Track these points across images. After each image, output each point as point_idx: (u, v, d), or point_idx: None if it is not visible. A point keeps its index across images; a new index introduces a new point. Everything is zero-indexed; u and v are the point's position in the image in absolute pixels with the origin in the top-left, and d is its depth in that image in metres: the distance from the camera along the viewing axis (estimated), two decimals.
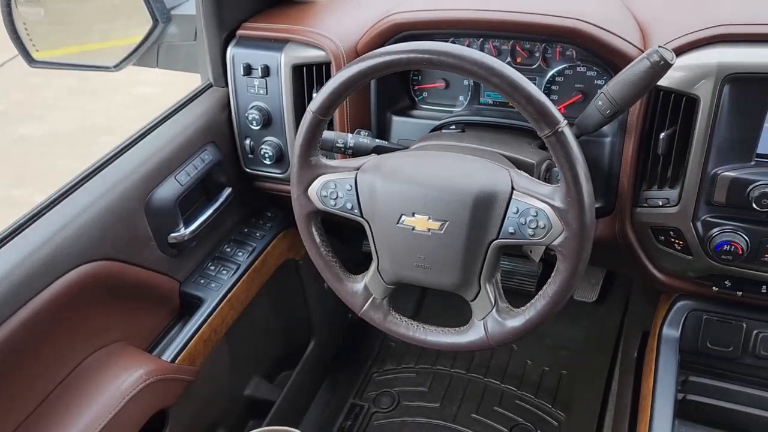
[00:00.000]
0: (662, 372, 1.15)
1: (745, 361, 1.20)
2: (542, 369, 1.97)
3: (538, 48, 1.26)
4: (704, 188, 1.08)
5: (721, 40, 1.02)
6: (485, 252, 1.01)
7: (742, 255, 1.08)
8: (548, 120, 0.89)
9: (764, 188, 1.02)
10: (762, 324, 1.18)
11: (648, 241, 1.19)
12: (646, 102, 1.08)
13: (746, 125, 1.03)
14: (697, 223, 1.11)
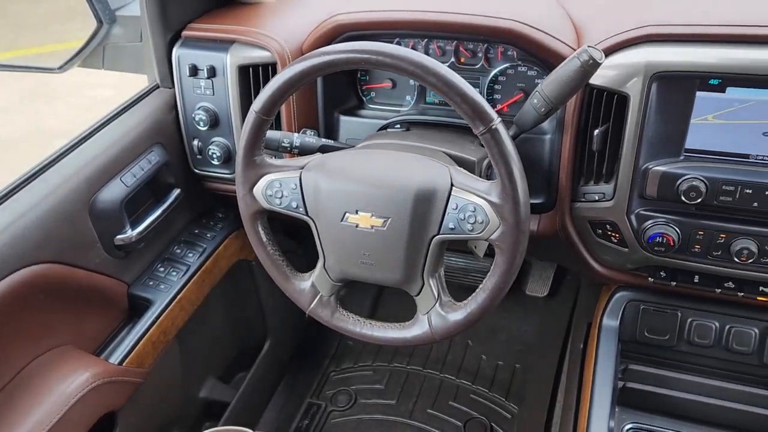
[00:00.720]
0: (602, 361, 1.19)
1: (681, 348, 1.25)
2: (496, 363, 2.01)
3: (480, 48, 1.29)
4: (637, 183, 1.12)
5: (648, 40, 1.06)
6: (427, 247, 1.03)
7: (674, 246, 1.13)
8: (482, 118, 0.91)
9: (692, 181, 1.07)
10: (695, 312, 1.23)
11: (587, 235, 1.23)
12: (581, 100, 1.12)
13: (674, 121, 1.07)
14: (631, 217, 1.15)
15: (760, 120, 1.03)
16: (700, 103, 1.05)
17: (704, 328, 1.22)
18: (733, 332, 1.20)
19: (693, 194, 1.07)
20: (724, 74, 1.01)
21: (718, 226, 1.11)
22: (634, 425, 1.24)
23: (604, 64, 1.08)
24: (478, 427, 1.80)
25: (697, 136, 1.08)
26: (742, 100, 1.03)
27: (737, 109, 1.03)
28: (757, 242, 1.09)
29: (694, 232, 1.12)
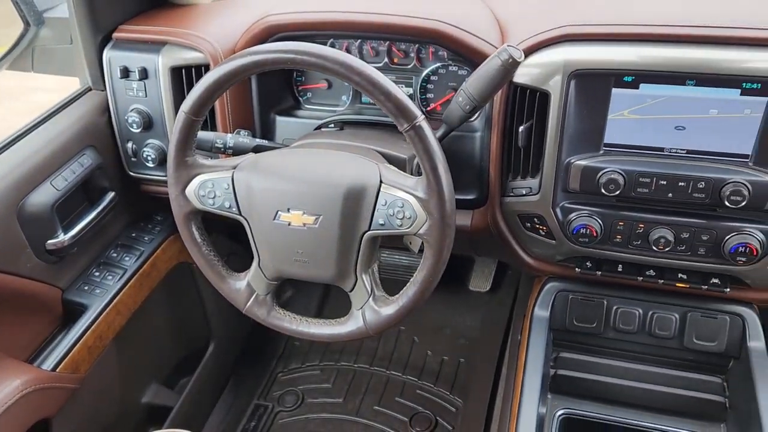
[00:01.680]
0: (532, 350, 1.23)
1: (608, 335, 1.30)
2: (442, 358, 2.04)
3: (412, 49, 1.32)
4: (560, 177, 1.17)
5: (566, 40, 1.10)
6: (359, 243, 1.05)
7: (597, 237, 1.18)
8: (406, 115, 0.94)
9: (611, 174, 1.12)
10: (620, 300, 1.28)
11: (517, 229, 1.28)
12: (506, 97, 1.16)
13: (593, 117, 1.12)
14: (556, 209, 1.20)
15: (672, 115, 1.09)
16: (616, 99, 1.10)
17: (629, 315, 1.27)
18: (655, 318, 1.26)
19: (612, 187, 1.12)
20: (636, 71, 1.06)
21: (637, 217, 1.16)
22: (566, 411, 1.28)
23: (526, 62, 1.13)
24: (423, 422, 1.83)
25: (615, 131, 1.13)
26: (654, 96, 1.08)
27: (650, 105, 1.09)
28: (672, 231, 1.14)
29: (615, 222, 1.17)
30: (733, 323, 1.23)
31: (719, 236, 1.13)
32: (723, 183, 1.08)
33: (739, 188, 1.07)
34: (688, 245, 1.15)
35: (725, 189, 1.07)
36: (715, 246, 1.13)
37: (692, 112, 1.08)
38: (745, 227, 1.11)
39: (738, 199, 1.07)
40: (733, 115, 1.06)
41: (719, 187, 1.08)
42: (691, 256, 1.16)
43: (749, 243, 1.10)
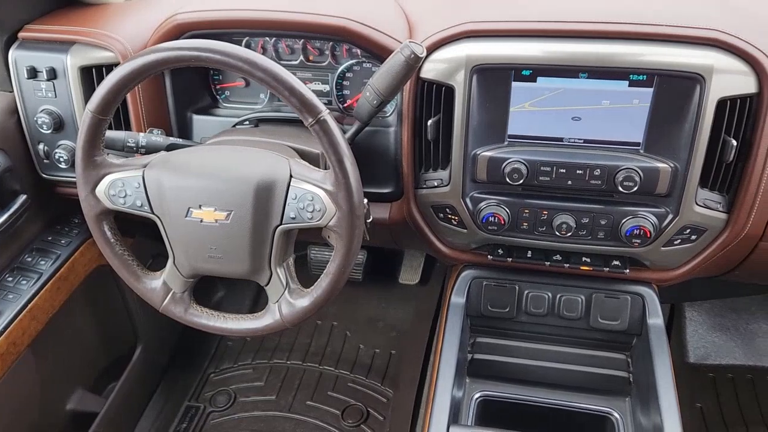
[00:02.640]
0: (448, 336, 1.27)
1: (521, 319, 1.36)
2: (374, 351, 2.07)
3: (327, 46, 1.34)
4: (468, 168, 1.21)
5: (468, 36, 1.15)
6: (272, 238, 1.07)
7: (505, 225, 1.23)
8: (310, 110, 0.96)
9: (514, 164, 1.17)
10: (531, 285, 1.34)
11: (431, 219, 1.32)
12: (414, 92, 1.19)
13: (496, 110, 1.17)
14: (466, 200, 1.25)
15: (568, 106, 1.15)
16: (516, 92, 1.15)
17: (539, 298, 1.33)
18: (563, 300, 1.32)
19: (516, 176, 1.17)
20: (533, 65, 1.12)
21: (541, 204, 1.22)
22: (483, 393, 1.34)
23: (432, 58, 1.17)
24: (355, 414, 1.86)
25: (518, 123, 1.18)
26: (551, 89, 1.14)
27: (548, 97, 1.15)
28: (574, 217, 1.21)
29: (521, 210, 1.23)
30: (634, 302, 1.30)
31: (616, 220, 1.19)
32: (617, 170, 1.14)
33: (631, 174, 1.13)
34: (589, 230, 1.22)
35: (619, 175, 1.14)
36: (613, 230, 1.20)
37: (586, 103, 1.14)
38: (640, 211, 1.18)
39: (630, 184, 1.14)
40: (623, 106, 1.13)
41: (613, 173, 1.15)
42: (591, 240, 1.23)
43: (643, 226, 1.17)
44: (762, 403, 1.87)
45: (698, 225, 1.18)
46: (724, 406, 1.87)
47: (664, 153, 1.14)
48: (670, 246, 1.21)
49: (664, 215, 1.18)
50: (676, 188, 1.15)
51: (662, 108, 1.11)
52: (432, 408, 1.14)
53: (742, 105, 1.08)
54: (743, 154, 1.12)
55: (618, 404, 1.30)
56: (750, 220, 1.16)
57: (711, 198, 1.17)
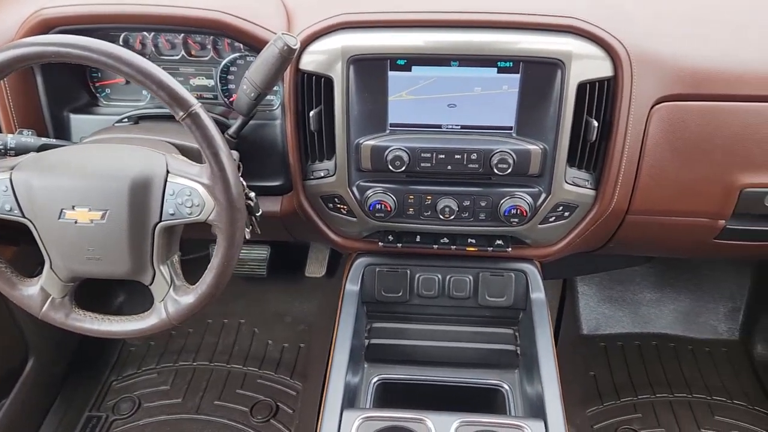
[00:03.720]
0: (342, 322, 1.30)
1: (414, 302, 1.40)
2: (282, 346, 2.07)
3: (208, 40, 1.33)
4: (352, 157, 1.24)
5: (343, 27, 1.17)
6: (152, 235, 1.05)
7: (392, 211, 1.26)
8: (181, 103, 0.95)
9: (396, 152, 1.20)
10: (421, 268, 1.39)
11: (322, 210, 1.33)
12: (294, 84, 1.20)
13: (375, 100, 1.20)
14: (353, 188, 1.27)
15: (444, 94, 1.19)
16: (393, 81, 1.18)
17: (430, 281, 1.38)
18: (452, 281, 1.38)
19: (398, 163, 1.21)
20: (407, 55, 1.15)
21: (424, 190, 1.26)
22: (380, 377, 1.37)
23: (311, 49, 1.18)
24: (264, 409, 1.85)
25: (398, 112, 1.21)
26: (426, 77, 1.18)
27: (424, 86, 1.18)
28: (456, 200, 1.26)
29: (406, 196, 1.27)
30: (518, 279, 1.37)
31: (495, 201, 1.25)
32: (492, 153, 1.20)
33: (505, 157, 1.19)
34: (470, 212, 1.27)
35: (494, 158, 1.19)
36: (493, 210, 1.26)
37: (460, 90, 1.18)
38: (516, 192, 1.24)
39: (505, 166, 1.19)
40: (494, 92, 1.18)
41: (489, 157, 1.20)
42: (474, 222, 1.28)
43: (520, 205, 1.24)
44: (648, 366, 2.00)
45: (570, 202, 1.26)
46: (614, 372, 1.99)
47: (534, 135, 1.20)
48: (546, 223, 1.29)
49: (538, 194, 1.24)
50: (547, 168, 1.22)
51: (529, 93, 1.17)
52: (326, 395, 1.16)
53: (600, 88, 1.16)
54: (605, 134, 1.20)
55: (508, 376, 1.37)
56: (615, 195, 1.24)
57: (579, 176, 1.24)
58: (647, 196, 1.26)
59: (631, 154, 1.20)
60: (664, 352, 2.06)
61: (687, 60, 1.17)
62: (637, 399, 1.90)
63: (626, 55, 1.14)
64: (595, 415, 1.86)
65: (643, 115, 1.18)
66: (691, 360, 2.03)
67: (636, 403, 1.89)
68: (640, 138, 1.19)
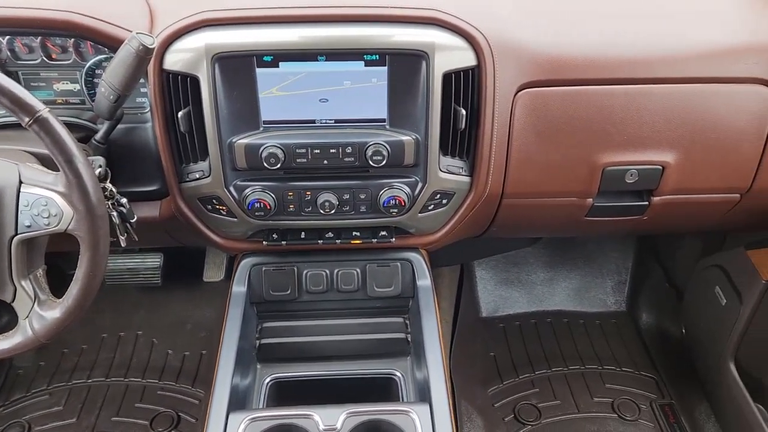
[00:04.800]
0: (228, 325, 1.28)
1: (303, 298, 1.40)
2: (183, 354, 2.02)
3: (70, 43, 1.26)
4: (226, 157, 1.22)
5: (205, 25, 1.15)
6: (8, 250, 1.00)
7: (272, 209, 1.25)
8: (25, 108, 0.91)
9: (270, 149, 1.20)
10: (308, 264, 1.39)
11: (201, 212, 1.31)
12: (159, 85, 1.17)
13: (245, 98, 1.18)
14: (230, 188, 1.25)
15: (314, 88, 1.19)
16: (262, 78, 1.17)
17: (318, 276, 1.38)
18: (340, 275, 1.38)
19: (273, 160, 1.20)
20: (273, 51, 1.14)
21: (303, 186, 1.26)
22: (273, 377, 1.36)
23: (174, 48, 1.15)
24: (164, 421, 1.80)
25: (270, 108, 1.20)
26: (294, 73, 1.17)
27: (293, 81, 1.18)
28: (336, 194, 1.26)
29: (286, 193, 1.26)
30: (404, 268, 1.40)
31: (374, 193, 1.27)
32: (366, 146, 1.21)
33: (379, 149, 1.21)
34: (351, 205, 1.28)
35: (368, 150, 1.21)
36: (373, 202, 1.28)
37: (330, 84, 1.19)
38: (394, 182, 1.26)
39: (380, 158, 1.21)
40: (363, 85, 1.19)
41: (364, 149, 1.21)
42: (355, 215, 1.29)
43: (398, 196, 1.26)
44: (544, 343, 2.09)
45: (446, 190, 1.29)
46: (513, 351, 2.07)
47: (407, 126, 1.22)
48: (426, 212, 1.31)
49: (415, 184, 1.27)
50: (422, 158, 1.24)
51: (398, 85, 1.19)
52: (211, 399, 1.14)
53: (466, 77, 1.19)
54: (474, 122, 1.24)
55: (400, 364, 1.40)
56: (489, 180, 1.29)
57: (453, 164, 1.28)
58: (519, 179, 1.31)
59: (500, 140, 1.25)
60: (559, 327, 2.15)
61: (544, 48, 1.22)
62: (535, 375, 1.98)
63: (487, 45, 1.18)
64: (495, 393, 1.92)
65: (508, 101, 1.22)
66: (584, 333, 2.14)
67: (533, 379, 1.97)
68: (507, 124, 1.24)
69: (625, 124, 1.26)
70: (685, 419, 1.84)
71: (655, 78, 1.24)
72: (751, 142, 1.29)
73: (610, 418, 1.85)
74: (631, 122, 1.26)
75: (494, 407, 1.87)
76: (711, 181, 1.34)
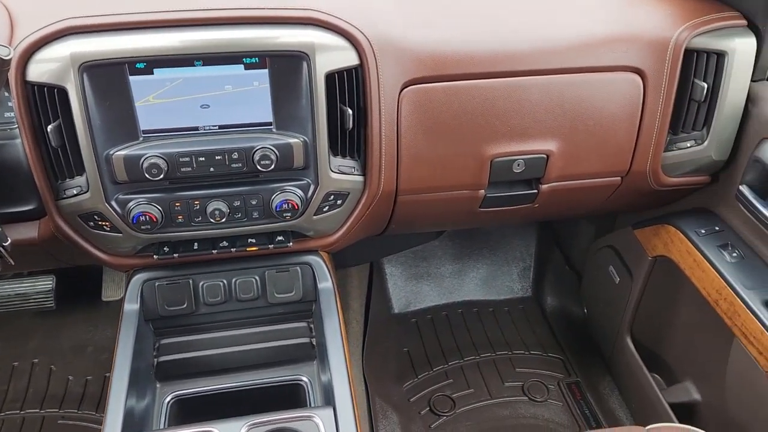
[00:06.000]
0: (120, 345, 1.22)
1: (201, 311, 1.36)
2: (85, 379, 1.92)
3: None
4: (105, 170, 1.16)
5: (70, 33, 1.09)
6: None
7: (159, 222, 1.20)
8: None
9: (152, 160, 1.15)
10: (204, 275, 1.35)
11: (83, 230, 1.24)
12: (24, 98, 1.10)
13: (119, 107, 1.13)
14: (112, 203, 1.19)
15: (194, 95, 1.15)
16: (136, 86, 1.12)
17: (215, 287, 1.34)
18: (238, 284, 1.35)
19: (155, 171, 1.15)
20: (146, 58, 1.10)
21: (191, 195, 1.21)
22: (175, 395, 1.31)
23: (36, 59, 1.09)
24: None
25: (148, 117, 1.15)
26: (170, 80, 1.13)
27: (170, 88, 1.14)
28: (226, 202, 1.23)
29: (173, 204, 1.21)
30: (305, 271, 1.38)
31: (265, 198, 1.24)
32: (253, 150, 1.18)
33: (266, 153, 1.18)
34: (243, 212, 1.25)
35: (256, 155, 1.18)
36: (265, 207, 1.25)
37: (210, 90, 1.15)
38: (286, 186, 1.24)
39: (268, 162, 1.19)
40: (245, 89, 1.16)
41: (251, 154, 1.18)
42: (248, 222, 1.26)
43: (290, 199, 1.24)
44: (456, 334, 2.13)
45: (340, 190, 1.28)
46: (426, 344, 2.09)
47: (294, 128, 1.21)
48: (321, 214, 1.30)
49: (307, 186, 1.25)
50: (311, 160, 1.23)
51: (281, 87, 1.17)
52: (104, 425, 1.09)
53: (349, 76, 1.19)
54: (362, 121, 1.24)
55: (307, 369, 1.38)
56: (382, 178, 1.29)
57: (345, 164, 1.27)
58: (411, 176, 1.32)
59: (389, 138, 1.26)
60: (469, 317, 2.20)
61: (426, 45, 1.23)
62: (448, 366, 2.01)
63: (368, 44, 1.18)
64: (410, 388, 1.94)
65: (394, 99, 1.23)
66: (493, 321, 2.20)
67: (447, 370, 2.00)
68: (395, 122, 1.25)
69: (508, 116, 1.29)
70: (591, 395, 1.93)
71: (534, 70, 1.28)
72: (626, 127, 1.35)
73: (521, 401, 1.91)
74: (513, 114, 1.29)
75: (410, 402, 1.89)
76: (593, 166, 1.40)
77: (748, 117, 1.37)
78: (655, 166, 1.41)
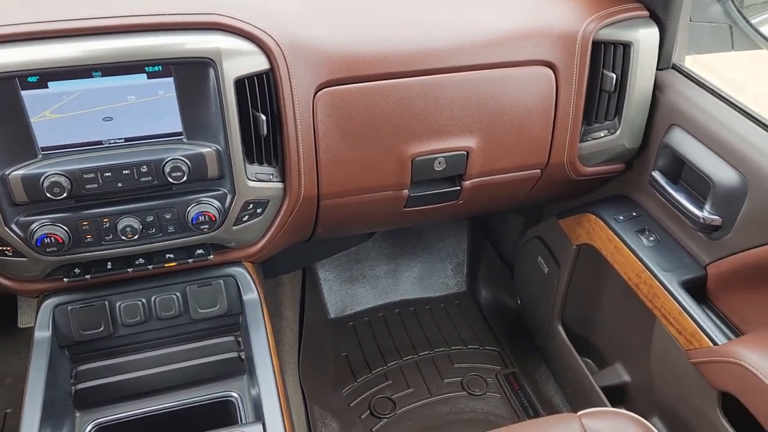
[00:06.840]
0: (31, 376, 1.15)
1: (120, 333, 1.29)
2: (4, 413, 1.81)
3: None
4: (1, 192, 1.09)
5: None
6: None
7: (66, 243, 1.14)
8: None
9: (52, 178, 1.08)
10: (121, 296, 1.28)
11: None
12: None
13: (14, 124, 1.06)
14: (12, 227, 1.12)
15: (94, 107, 1.09)
16: (30, 101, 1.05)
17: (132, 307, 1.28)
18: (158, 302, 1.29)
19: (57, 190, 1.09)
20: (38, 71, 1.03)
21: (99, 212, 1.15)
22: (97, 423, 1.25)
23: None
24: None
25: (47, 134, 1.09)
26: (68, 92, 1.07)
27: (68, 102, 1.07)
28: (138, 218, 1.17)
29: (80, 224, 1.15)
30: (228, 284, 1.33)
31: (180, 211, 1.19)
32: (163, 162, 1.13)
33: (177, 164, 1.14)
34: (157, 227, 1.20)
35: (166, 167, 1.13)
36: (181, 221, 1.20)
37: (111, 101, 1.10)
38: (201, 197, 1.20)
39: (179, 174, 1.14)
40: (150, 99, 1.11)
41: (161, 166, 1.13)
42: (164, 237, 1.21)
43: (207, 211, 1.19)
44: (393, 334, 2.12)
45: (259, 198, 1.25)
46: (364, 347, 2.07)
47: (205, 137, 1.16)
48: (241, 224, 1.26)
49: (224, 196, 1.21)
50: (226, 169, 1.19)
51: (188, 95, 1.12)
52: None
53: (260, 82, 1.16)
54: (277, 127, 1.21)
55: (236, 384, 1.34)
56: (302, 184, 1.26)
57: (263, 171, 1.24)
58: (332, 179, 1.30)
59: (306, 143, 1.23)
60: (406, 316, 2.20)
61: (338, 46, 1.21)
62: (387, 367, 2.00)
63: (278, 48, 1.15)
64: (350, 393, 1.92)
65: (308, 103, 1.20)
66: (430, 318, 2.20)
67: (386, 372, 1.99)
68: (311, 125, 1.22)
69: (425, 115, 1.29)
70: (528, 384, 1.95)
71: (448, 67, 1.28)
72: (542, 120, 1.37)
73: (461, 396, 1.91)
74: (430, 112, 1.29)
75: (350, 407, 1.87)
76: (513, 161, 1.42)
77: (656, 105, 1.42)
78: (572, 156, 1.44)
